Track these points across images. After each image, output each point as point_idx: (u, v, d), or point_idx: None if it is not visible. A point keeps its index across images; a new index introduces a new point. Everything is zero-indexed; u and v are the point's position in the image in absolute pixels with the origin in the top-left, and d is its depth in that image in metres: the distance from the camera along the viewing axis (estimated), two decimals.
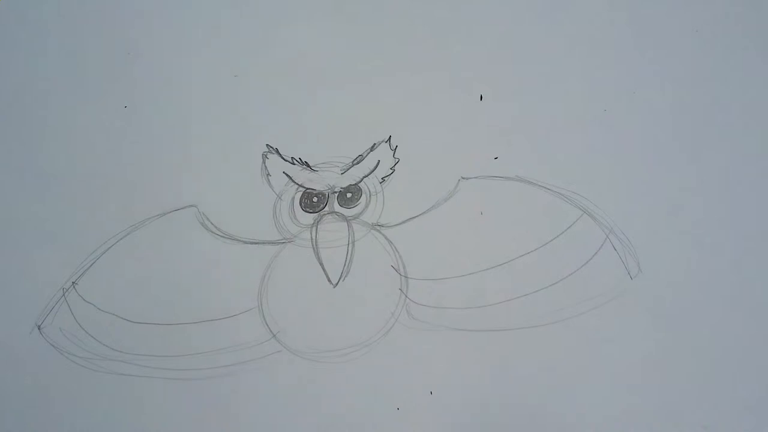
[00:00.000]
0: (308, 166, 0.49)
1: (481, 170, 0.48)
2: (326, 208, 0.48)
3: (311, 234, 0.48)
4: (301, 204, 0.49)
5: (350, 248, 0.47)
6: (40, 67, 0.55)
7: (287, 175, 0.49)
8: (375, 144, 0.50)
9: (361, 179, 0.49)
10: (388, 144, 0.50)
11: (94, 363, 0.46)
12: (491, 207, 0.47)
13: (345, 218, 0.48)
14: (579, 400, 0.43)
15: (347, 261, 0.47)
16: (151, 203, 0.49)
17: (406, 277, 0.46)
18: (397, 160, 0.49)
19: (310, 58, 0.53)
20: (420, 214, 0.48)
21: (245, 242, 0.48)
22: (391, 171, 0.49)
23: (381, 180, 0.49)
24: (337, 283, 0.46)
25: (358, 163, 0.49)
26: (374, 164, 0.49)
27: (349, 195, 0.49)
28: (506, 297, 0.45)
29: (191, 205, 0.49)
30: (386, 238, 0.47)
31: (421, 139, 0.50)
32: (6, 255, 0.49)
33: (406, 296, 0.46)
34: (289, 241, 0.48)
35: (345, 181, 0.49)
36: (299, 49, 0.53)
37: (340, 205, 0.48)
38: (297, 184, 0.49)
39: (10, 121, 0.53)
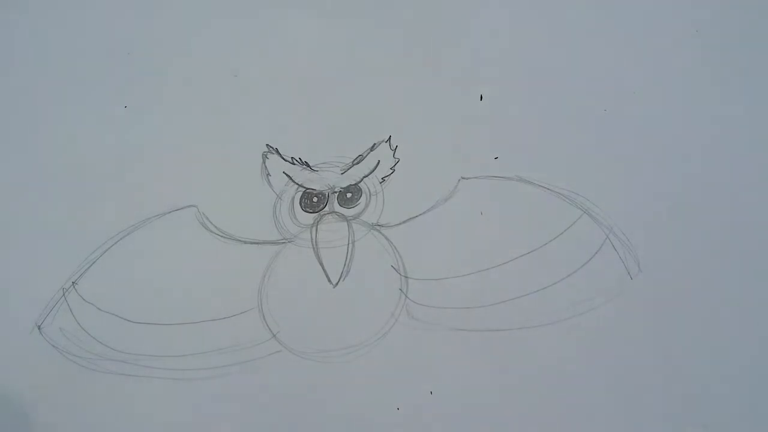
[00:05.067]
0: (308, 166, 0.49)
1: (481, 170, 0.48)
2: (326, 208, 0.48)
3: (311, 234, 0.48)
4: (301, 204, 0.49)
5: (350, 248, 0.47)
6: (40, 66, 0.55)
7: (287, 175, 0.49)
8: (375, 144, 0.50)
9: (361, 179, 0.49)
10: (388, 144, 0.50)
11: (94, 363, 0.46)
12: (491, 207, 0.47)
13: (345, 218, 0.48)
14: (579, 400, 0.43)
15: (347, 261, 0.47)
16: (151, 203, 0.49)
17: (406, 277, 0.46)
18: (397, 160, 0.49)
19: (310, 57, 0.53)
20: (420, 214, 0.48)
21: (245, 242, 0.48)
22: (391, 171, 0.49)
23: (381, 180, 0.49)
24: (337, 283, 0.46)
25: (358, 163, 0.49)
26: (374, 164, 0.49)
27: (349, 195, 0.49)
28: (506, 297, 0.45)
29: (191, 205, 0.49)
30: (386, 238, 0.47)
31: (421, 139, 0.50)
32: (6, 255, 0.49)
33: (406, 296, 0.46)
34: (289, 241, 0.48)
35: (345, 181, 0.49)
36: (299, 48, 0.53)
37: (340, 205, 0.48)
38: (297, 184, 0.49)
39: (10, 121, 0.53)
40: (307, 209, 0.48)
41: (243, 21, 0.55)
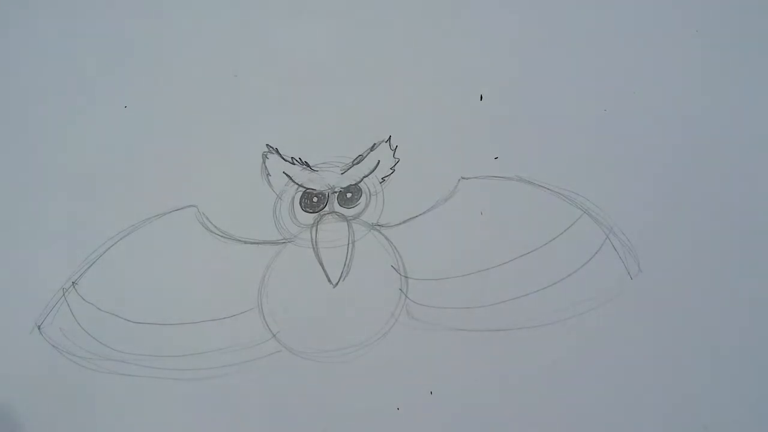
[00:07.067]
0: (308, 166, 0.49)
1: (481, 170, 0.48)
2: (326, 208, 0.48)
3: (311, 234, 0.48)
4: (301, 204, 0.49)
5: (350, 248, 0.47)
6: (40, 67, 0.55)
7: (287, 175, 0.49)
8: (375, 144, 0.50)
9: (361, 179, 0.49)
10: (388, 144, 0.50)
11: (94, 363, 0.46)
12: (491, 207, 0.47)
13: (345, 218, 0.48)
14: (579, 400, 0.43)
15: (347, 261, 0.47)
16: (151, 203, 0.49)
17: (406, 277, 0.46)
18: (397, 160, 0.49)
19: (311, 58, 0.53)
20: (420, 214, 0.48)
21: (245, 242, 0.48)
22: (391, 171, 0.49)
23: (381, 180, 0.49)
24: (337, 283, 0.46)
25: (358, 163, 0.49)
26: (374, 164, 0.49)
27: (349, 195, 0.49)
28: (506, 297, 0.45)
29: (191, 205, 0.49)
30: (386, 238, 0.47)
31: (421, 139, 0.50)
32: (6, 255, 0.49)
33: (406, 296, 0.46)
34: (289, 241, 0.48)
35: (345, 181, 0.49)
36: (299, 49, 0.53)
37: (340, 205, 0.48)
38: (297, 184, 0.49)
39: (10, 121, 0.53)
40: (307, 209, 0.48)
41: (243, 21, 0.55)
